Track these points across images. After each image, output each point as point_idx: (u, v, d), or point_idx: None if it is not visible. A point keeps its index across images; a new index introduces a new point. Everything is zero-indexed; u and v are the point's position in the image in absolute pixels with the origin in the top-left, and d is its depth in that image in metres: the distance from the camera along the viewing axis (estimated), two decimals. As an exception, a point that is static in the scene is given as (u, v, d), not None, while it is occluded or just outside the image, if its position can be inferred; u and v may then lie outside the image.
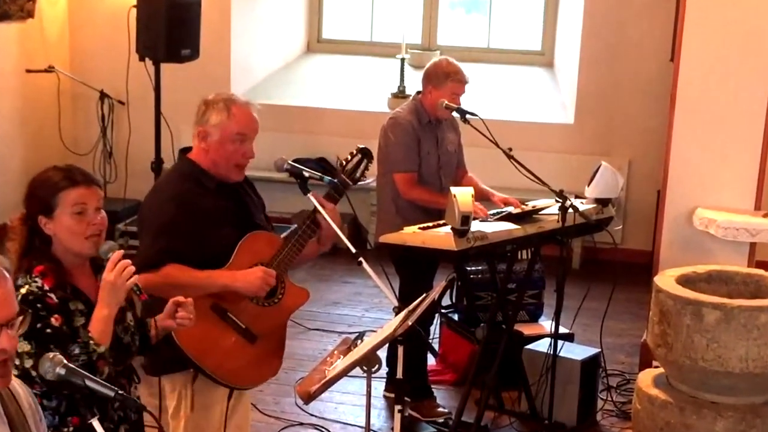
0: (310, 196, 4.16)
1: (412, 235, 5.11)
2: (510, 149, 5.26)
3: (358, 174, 4.29)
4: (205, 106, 4.11)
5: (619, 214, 8.18)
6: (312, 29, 10.02)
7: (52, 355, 2.85)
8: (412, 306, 3.79)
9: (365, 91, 9.47)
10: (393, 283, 4.53)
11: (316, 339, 6.86)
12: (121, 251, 3.35)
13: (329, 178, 4.29)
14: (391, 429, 5.20)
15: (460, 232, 4.84)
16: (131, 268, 3.32)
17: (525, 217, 5.27)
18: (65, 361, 2.84)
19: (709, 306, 4.52)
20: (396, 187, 5.66)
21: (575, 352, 5.69)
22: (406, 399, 5.26)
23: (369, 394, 3.81)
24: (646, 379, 4.94)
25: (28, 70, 8.80)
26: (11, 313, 2.57)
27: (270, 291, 4.08)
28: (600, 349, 5.76)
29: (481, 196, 5.56)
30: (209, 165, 4.09)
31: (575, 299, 5.60)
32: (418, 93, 5.80)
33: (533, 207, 5.38)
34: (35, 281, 3.26)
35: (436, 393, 5.95)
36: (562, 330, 5.60)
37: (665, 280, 4.80)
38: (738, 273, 5.01)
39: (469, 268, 6.13)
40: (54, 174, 3.39)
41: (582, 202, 5.51)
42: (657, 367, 5.15)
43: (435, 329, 6.33)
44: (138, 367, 3.67)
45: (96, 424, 2.83)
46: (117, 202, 8.64)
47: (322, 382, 3.62)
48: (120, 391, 2.88)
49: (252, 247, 4.08)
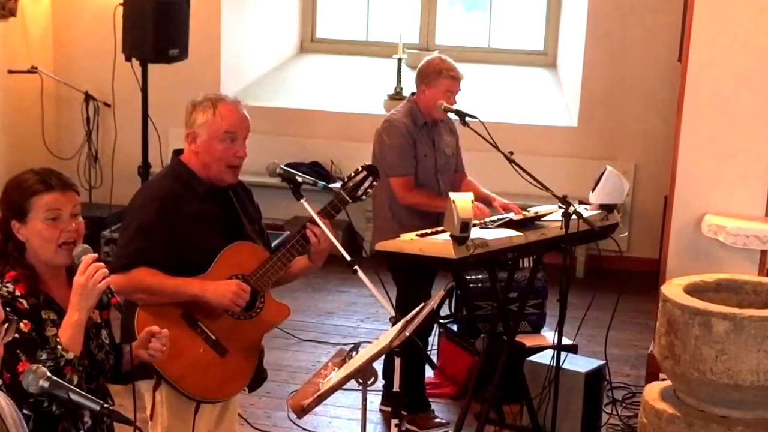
0: (303, 201, 4.16)
1: (409, 242, 5.11)
2: (511, 153, 5.27)
3: (359, 192, 4.28)
4: (192, 108, 4.13)
5: (625, 221, 8.19)
6: (305, 28, 10.03)
7: (35, 367, 2.84)
8: (409, 316, 3.79)
9: (360, 92, 9.48)
10: (389, 292, 4.53)
11: (310, 350, 6.86)
12: (94, 255, 3.33)
13: (323, 183, 4.29)
14: (388, 444, 5.21)
15: (460, 240, 4.85)
16: (104, 270, 3.30)
17: (527, 223, 5.28)
18: (49, 374, 2.84)
19: (718, 316, 4.52)
20: (392, 192, 5.67)
21: (579, 364, 5.69)
22: (403, 413, 5.25)
23: (364, 408, 3.81)
24: (652, 392, 4.94)
25: (10, 71, 8.79)
26: None
27: (248, 304, 4.08)
28: (605, 361, 5.76)
29: (481, 201, 5.56)
30: (200, 168, 4.11)
31: (579, 309, 5.61)
32: (413, 94, 5.82)
33: (535, 213, 5.38)
34: (6, 286, 3.26)
35: (434, 406, 5.96)
36: (566, 341, 5.61)
37: (672, 289, 4.80)
38: (748, 282, 5.01)
39: (468, 277, 6.12)
40: (29, 177, 3.38)
41: (586, 208, 5.51)
42: (664, 379, 5.15)
43: (433, 340, 6.33)
44: None
45: None
46: (102, 208, 8.65)
47: (316, 395, 3.63)
48: (106, 405, 2.88)
49: (233, 258, 4.08)
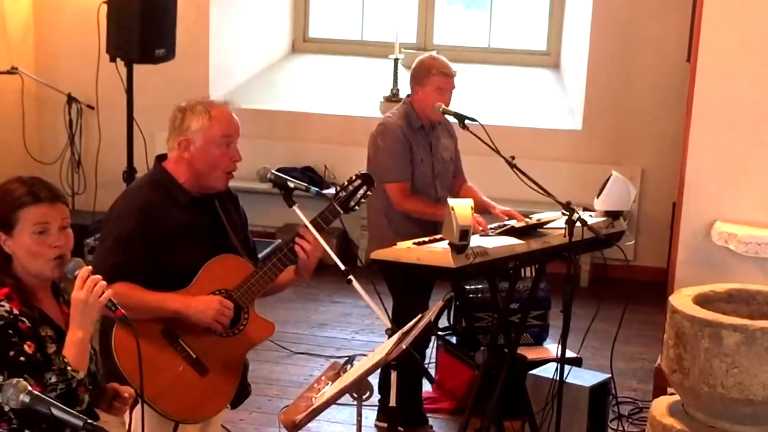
0: (295, 208, 4.16)
1: (406, 250, 5.11)
2: (513, 157, 5.27)
3: (353, 203, 4.28)
4: (182, 113, 4.11)
5: (631, 228, 8.20)
6: (297, 27, 10.04)
7: (15, 381, 2.83)
8: (406, 328, 3.79)
9: (355, 94, 9.49)
10: (385, 303, 4.53)
11: (302, 363, 6.86)
12: (89, 267, 3.34)
13: (316, 189, 4.29)
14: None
15: (459, 248, 4.85)
16: (102, 283, 3.31)
17: (529, 231, 5.28)
18: (30, 388, 2.83)
19: (729, 328, 4.52)
20: (388, 199, 5.68)
21: (583, 377, 5.70)
22: (400, 429, 5.26)
23: (360, 424, 3.81)
24: (660, 407, 4.94)
25: (-11, 72, 8.82)
26: None
27: (232, 320, 4.07)
28: (610, 375, 5.76)
29: (481, 209, 5.57)
30: (188, 176, 4.10)
31: (583, 320, 5.60)
32: (408, 96, 5.83)
33: (538, 220, 5.38)
34: (2, 305, 3.24)
35: (432, 422, 5.96)
36: (569, 354, 5.60)
37: (681, 299, 4.80)
38: (760, 292, 5.01)
39: (468, 287, 6.13)
40: (16, 187, 3.36)
41: (591, 215, 5.51)
42: (672, 394, 5.15)
43: (431, 353, 6.34)
44: None
45: None
46: (86, 215, 8.64)
47: (309, 410, 3.62)
48: (89, 420, 2.87)
49: (217, 273, 4.08)
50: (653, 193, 8.74)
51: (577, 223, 5.06)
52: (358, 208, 4.33)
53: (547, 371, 5.58)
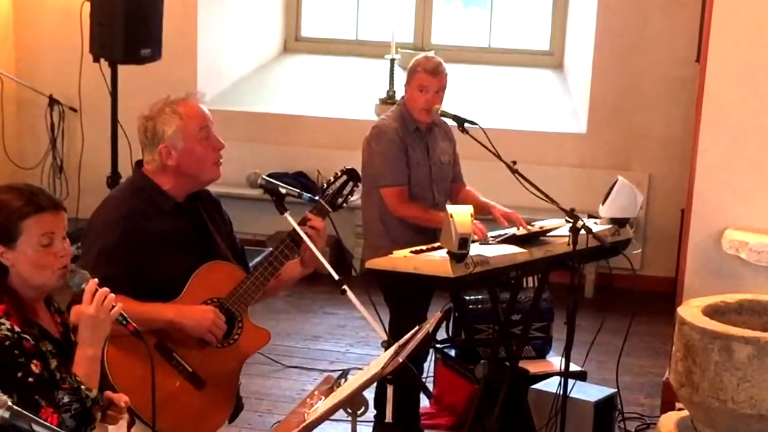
0: (287, 215, 4.17)
1: (403, 259, 5.11)
2: (514, 162, 5.28)
3: (340, 200, 4.30)
4: (152, 121, 4.13)
5: (638, 236, 8.20)
6: (289, 26, 10.05)
7: (-5, 395, 2.83)
8: (403, 340, 3.79)
9: (350, 96, 9.49)
10: (381, 315, 4.53)
11: (294, 377, 6.86)
12: (95, 280, 3.32)
13: (309, 195, 4.30)
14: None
15: (458, 257, 4.85)
16: (111, 296, 3.30)
17: (531, 239, 5.28)
18: (9, 403, 2.83)
19: (740, 340, 4.53)
20: (384, 204, 5.68)
21: (588, 392, 5.70)
22: (397, 446, 5.27)
23: (354, 441, 3.81)
24: (668, 422, 4.95)
25: (-33, 73, 8.82)
26: None
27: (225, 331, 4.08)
28: (616, 389, 5.77)
29: (481, 211, 5.56)
30: (176, 183, 4.12)
31: (588, 333, 5.61)
32: (403, 97, 5.84)
33: (541, 228, 5.39)
34: (3, 323, 3.20)
35: (430, 439, 5.97)
36: (574, 367, 5.61)
37: (690, 310, 4.81)
38: (773, 303, 5.03)
39: (467, 297, 6.13)
40: (13, 197, 3.30)
41: (596, 223, 5.53)
42: (681, 409, 5.15)
43: (429, 366, 6.33)
44: None
45: None
46: (69, 222, 8.59)
47: (301, 426, 3.62)
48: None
49: (207, 280, 4.09)
50: (661, 199, 8.74)
51: (582, 231, 5.06)
52: (346, 205, 4.35)
53: (550, 385, 5.58)
